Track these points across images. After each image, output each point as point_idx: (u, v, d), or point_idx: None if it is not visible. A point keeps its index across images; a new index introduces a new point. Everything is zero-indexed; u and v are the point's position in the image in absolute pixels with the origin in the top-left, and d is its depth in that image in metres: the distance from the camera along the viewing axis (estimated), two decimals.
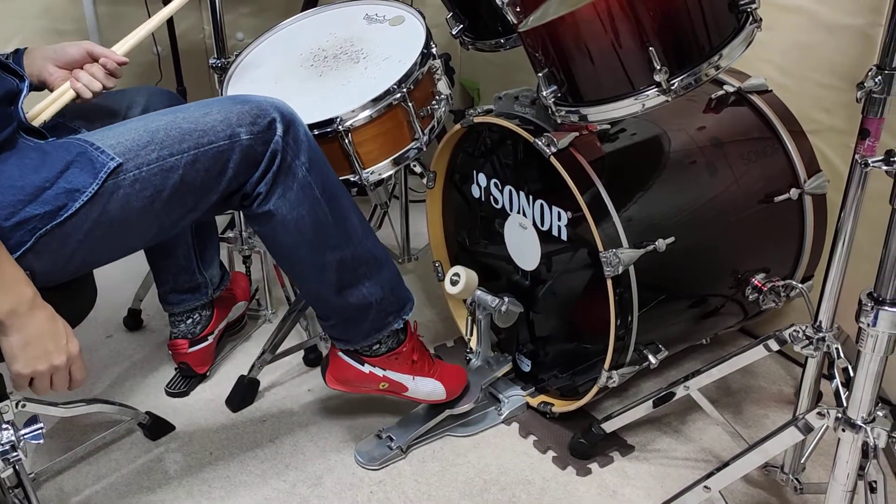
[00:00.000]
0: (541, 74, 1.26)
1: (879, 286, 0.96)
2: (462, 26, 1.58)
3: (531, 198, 1.46)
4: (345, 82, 1.45)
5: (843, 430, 1.04)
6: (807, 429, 1.12)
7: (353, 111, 1.35)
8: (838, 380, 1.15)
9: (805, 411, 1.13)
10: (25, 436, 1.03)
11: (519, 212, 1.50)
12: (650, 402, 1.40)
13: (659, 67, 1.13)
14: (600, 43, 1.16)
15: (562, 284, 1.49)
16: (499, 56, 1.60)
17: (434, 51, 1.45)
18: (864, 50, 1.45)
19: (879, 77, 1.03)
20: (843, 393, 1.09)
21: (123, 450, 1.54)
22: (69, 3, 2.27)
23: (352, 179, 1.41)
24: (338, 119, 1.34)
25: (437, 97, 1.47)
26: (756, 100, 1.52)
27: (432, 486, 1.43)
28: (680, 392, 1.37)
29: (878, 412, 1.03)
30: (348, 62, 1.49)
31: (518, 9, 1.31)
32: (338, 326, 1.39)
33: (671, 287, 1.43)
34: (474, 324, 1.58)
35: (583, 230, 1.34)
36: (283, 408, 1.65)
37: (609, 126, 1.42)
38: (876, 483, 1.03)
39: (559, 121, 1.30)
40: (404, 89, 1.37)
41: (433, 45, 1.45)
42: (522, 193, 1.48)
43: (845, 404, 1.05)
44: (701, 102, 1.51)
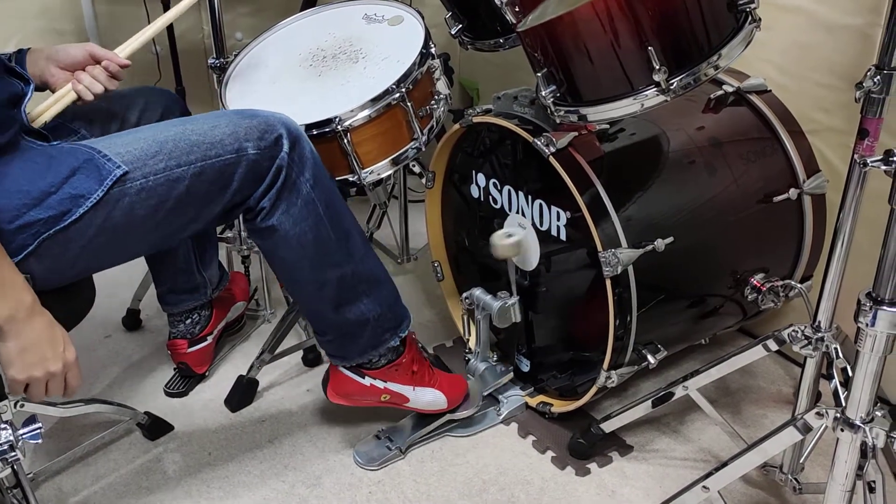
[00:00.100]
0: (540, 74, 1.26)
1: (878, 286, 0.96)
2: (461, 26, 1.58)
3: (530, 198, 1.46)
4: (343, 82, 1.45)
5: (842, 430, 1.04)
6: (805, 429, 1.12)
7: (351, 111, 1.35)
8: (837, 380, 1.15)
9: (804, 411, 1.13)
10: (24, 436, 1.03)
11: (518, 212, 1.50)
12: (649, 402, 1.40)
13: (658, 67, 1.13)
14: (599, 42, 1.16)
15: (561, 284, 1.49)
16: (498, 56, 1.60)
17: (433, 50, 1.45)
18: (863, 50, 1.45)
19: (878, 77, 1.03)
20: (841, 393, 1.09)
21: (122, 450, 1.54)
22: (68, 2, 2.26)
23: (350, 179, 1.41)
24: (336, 119, 1.34)
25: (436, 97, 1.47)
26: (755, 100, 1.52)
27: (431, 486, 1.43)
28: (679, 392, 1.37)
29: (876, 412, 1.03)
30: (347, 62, 1.49)
31: (517, 8, 1.31)
32: (335, 342, 1.40)
33: (670, 287, 1.43)
34: (473, 324, 1.58)
35: (582, 230, 1.34)
36: (282, 408, 1.65)
37: (608, 126, 1.42)
38: (875, 483, 1.03)
39: (558, 120, 1.30)
40: (403, 89, 1.37)
41: (432, 45, 1.45)
42: (521, 193, 1.48)
43: (844, 404, 1.05)
44: (700, 102, 1.51)
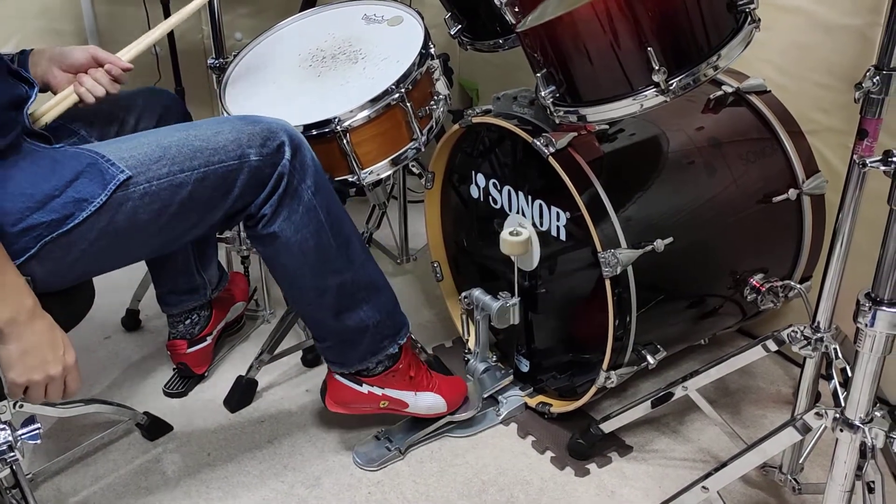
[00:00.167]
0: (539, 75, 1.26)
1: (877, 286, 0.96)
2: (460, 26, 1.58)
3: (530, 198, 1.46)
4: (343, 82, 1.45)
5: (841, 431, 1.04)
6: (805, 429, 1.12)
7: (351, 111, 1.35)
8: (836, 380, 1.15)
9: (803, 412, 1.13)
10: (23, 436, 1.03)
11: (518, 212, 1.50)
12: (648, 403, 1.40)
13: (657, 68, 1.13)
14: (599, 43, 1.16)
15: (560, 285, 1.49)
16: (497, 56, 1.60)
17: (432, 51, 1.45)
18: (863, 50, 1.45)
19: (877, 77, 1.03)
20: (841, 393, 1.09)
21: (121, 450, 1.54)
22: (67, 2, 2.26)
23: (350, 180, 1.41)
24: (336, 119, 1.34)
25: (436, 97, 1.47)
26: (754, 100, 1.52)
27: (430, 486, 1.43)
28: (678, 392, 1.37)
29: (875, 412, 1.03)
30: (346, 62, 1.49)
31: (516, 9, 1.31)
32: (334, 348, 1.40)
33: (670, 287, 1.43)
34: (472, 324, 1.58)
35: (581, 230, 1.34)
36: (282, 408, 1.65)
37: (607, 126, 1.42)
38: (874, 483, 1.03)
39: (557, 121, 1.30)
40: (402, 89, 1.37)
41: (431, 46, 1.45)
42: (521, 194, 1.48)
43: (843, 404, 1.04)
44: (699, 103, 1.51)
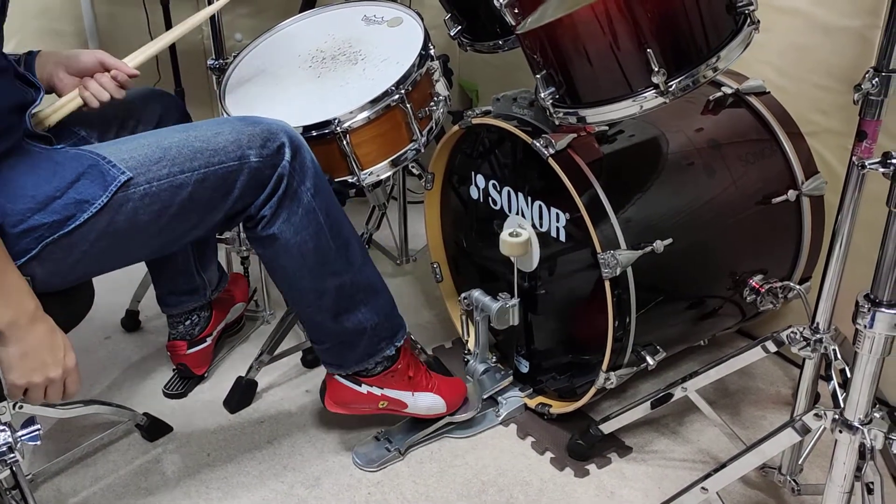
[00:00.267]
0: (539, 76, 1.27)
1: (876, 288, 0.96)
2: (460, 27, 1.59)
3: (530, 199, 1.46)
4: (343, 83, 1.45)
5: (841, 432, 1.04)
6: (804, 430, 1.12)
7: (351, 112, 1.35)
8: (835, 381, 1.15)
9: (802, 413, 1.13)
10: (23, 437, 1.03)
11: (518, 213, 1.50)
12: (648, 404, 1.40)
13: (657, 69, 1.13)
14: (598, 45, 1.16)
15: (560, 286, 1.50)
16: (497, 57, 1.60)
17: (432, 52, 1.45)
18: (862, 52, 1.46)
19: (876, 79, 1.03)
20: (840, 394, 1.09)
21: (121, 451, 1.54)
22: (68, 3, 2.26)
23: (350, 181, 1.41)
24: (336, 120, 1.34)
25: (436, 98, 1.47)
26: (754, 101, 1.52)
27: (430, 487, 1.43)
28: (678, 393, 1.37)
29: (874, 413, 1.03)
30: (346, 63, 1.49)
31: (516, 10, 1.31)
32: (332, 350, 1.40)
33: (669, 288, 1.43)
34: (472, 325, 1.58)
35: (581, 231, 1.34)
36: (281, 409, 1.65)
37: (607, 127, 1.42)
38: (873, 484, 1.03)
39: (557, 122, 1.30)
40: (402, 91, 1.37)
41: (431, 47, 1.45)
42: (521, 195, 1.48)
43: (842, 406, 1.05)
44: (699, 104, 1.51)
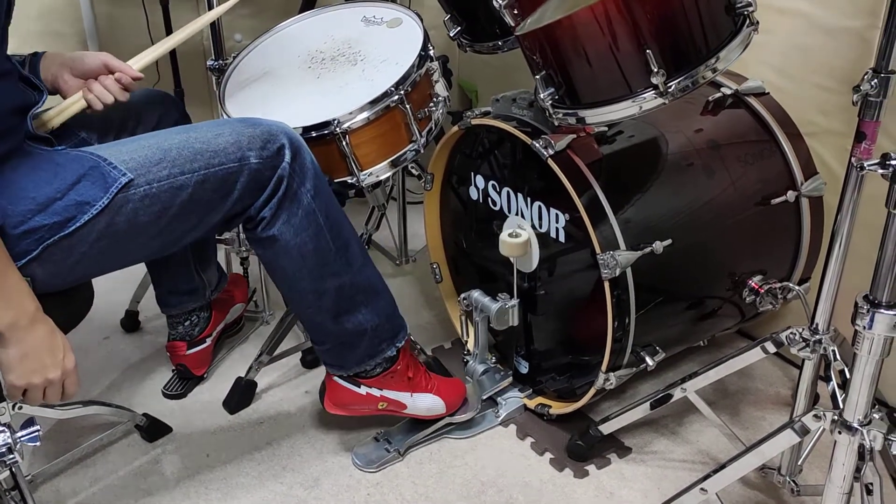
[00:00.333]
0: (538, 77, 1.27)
1: (875, 289, 0.96)
2: (460, 28, 1.59)
3: (529, 200, 1.46)
4: (342, 84, 1.45)
5: (840, 433, 1.04)
6: (803, 431, 1.12)
7: (350, 113, 1.35)
8: (835, 382, 1.15)
9: (801, 414, 1.13)
10: (22, 438, 1.03)
11: (517, 213, 1.50)
12: (647, 404, 1.41)
13: (656, 70, 1.13)
14: (597, 46, 1.16)
15: (559, 286, 1.50)
16: (497, 58, 1.60)
17: (432, 53, 1.45)
18: (862, 53, 1.46)
19: (875, 80, 1.03)
20: (839, 395, 1.09)
21: (120, 452, 1.54)
22: (67, 4, 2.26)
23: (349, 181, 1.41)
24: (335, 121, 1.34)
25: (435, 99, 1.47)
26: (753, 102, 1.52)
27: (429, 488, 1.43)
28: (677, 394, 1.37)
29: (874, 414, 1.03)
30: (346, 64, 1.49)
31: (515, 11, 1.31)
32: (332, 351, 1.40)
33: (668, 289, 1.43)
34: (471, 326, 1.58)
35: (580, 232, 1.34)
36: (281, 410, 1.65)
37: (606, 128, 1.42)
38: (872, 485, 1.03)
39: (556, 123, 1.30)
40: (402, 91, 1.37)
41: (431, 47, 1.45)
42: (520, 195, 1.48)
43: (842, 406, 1.05)
44: (698, 105, 1.51)
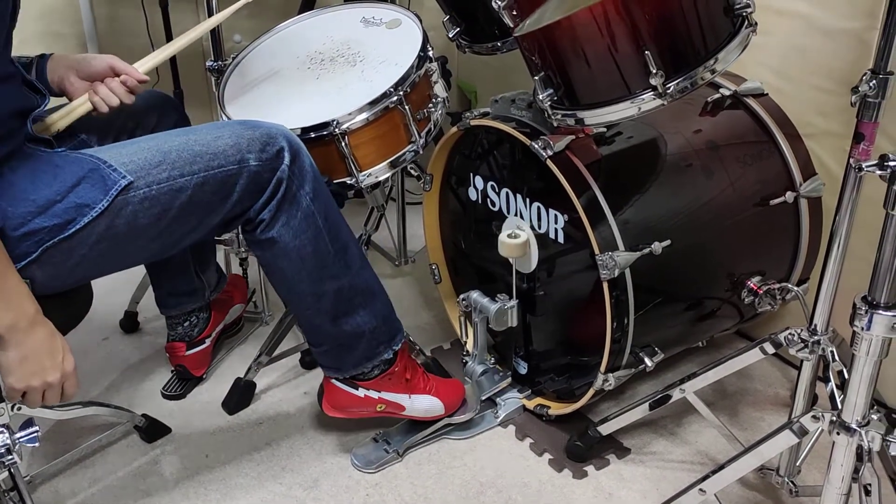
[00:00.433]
0: (537, 78, 1.27)
1: (874, 290, 0.96)
2: (459, 29, 1.59)
3: (528, 200, 1.46)
4: (342, 85, 1.45)
5: (838, 434, 1.04)
6: (802, 432, 1.12)
7: (349, 114, 1.35)
8: (833, 383, 1.15)
9: (800, 414, 1.13)
10: (21, 439, 1.03)
11: (516, 214, 1.50)
12: (646, 405, 1.41)
13: (655, 71, 1.13)
14: (596, 47, 1.16)
15: (558, 287, 1.50)
16: (496, 59, 1.60)
17: (431, 54, 1.45)
18: (860, 54, 1.46)
19: (873, 81, 1.03)
20: (837, 396, 1.09)
21: (119, 452, 1.54)
22: (67, 5, 2.26)
23: (348, 182, 1.41)
24: (334, 122, 1.34)
25: (434, 100, 1.47)
26: (752, 103, 1.52)
27: (428, 488, 1.43)
28: (676, 395, 1.37)
29: (872, 415, 1.03)
30: (345, 65, 1.49)
31: (514, 12, 1.32)
32: (330, 353, 1.40)
33: (667, 290, 1.43)
34: (471, 327, 1.59)
35: (579, 233, 1.34)
36: (280, 410, 1.65)
37: (605, 129, 1.42)
38: (870, 486, 1.03)
39: (555, 124, 1.30)
40: (401, 92, 1.37)
41: (430, 48, 1.45)
42: (519, 196, 1.48)
43: (840, 407, 1.05)
44: (697, 105, 1.52)
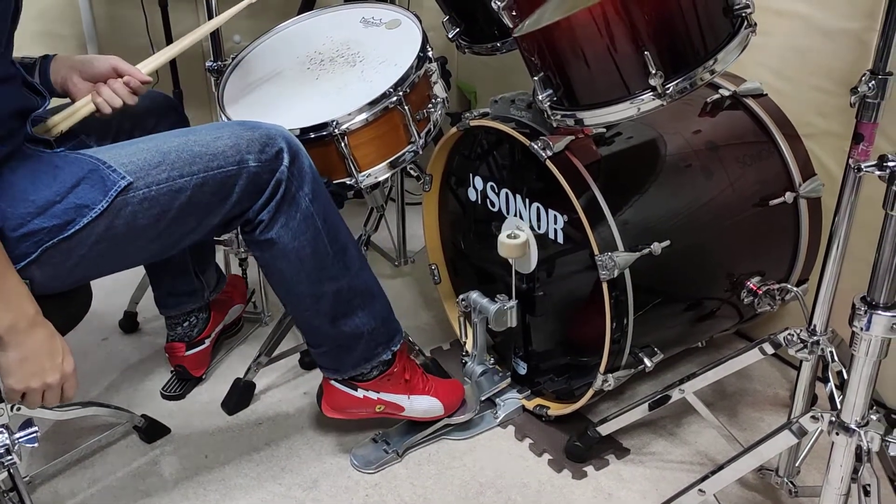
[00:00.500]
0: (537, 78, 1.27)
1: (873, 290, 0.96)
2: (458, 30, 1.59)
3: (527, 201, 1.46)
4: (341, 86, 1.45)
5: (837, 434, 1.04)
6: (801, 432, 1.12)
7: (349, 114, 1.35)
8: (832, 383, 1.16)
9: (799, 415, 1.13)
10: (20, 439, 1.03)
11: (516, 215, 1.50)
12: (646, 405, 1.41)
13: (654, 72, 1.13)
14: (596, 47, 1.16)
15: (558, 288, 1.50)
16: (495, 59, 1.61)
17: (430, 54, 1.45)
18: (860, 54, 1.46)
19: (873, 82, 1.03)
20: (837, 396, 1.09)
21: (119, 453, 1.54)
22: (66, 6, 2.26)
23: (348, 182, 1.41)
24: (334, 122, 1.34)
25: (434, 100, 1.47)
26: (751, 104, 1.52)
27: (428, 489, 1.43)
28: (675, 395, 1.37)
29: (871, 416, 1.03)
30: (345, 65, 1.49)
31: (514, 13, 1.32)
32: (329, 354, 1.40)
33: (667, 290, 1.43)
34: (470, 327, 1.59)
35: (579, 233, 1.34)
36: (279, 411, 1.65)
37: (605, 130, 1.42)
38: (869, 487, 1.03)
39: (555, 124, 1.30)
40: (400, 93, 1.37)
41: (429, 49, 1.45)
42: (519, 196, 1.48)
43: (839, 408, 1.05)
44: (696, 106, 1.52)
